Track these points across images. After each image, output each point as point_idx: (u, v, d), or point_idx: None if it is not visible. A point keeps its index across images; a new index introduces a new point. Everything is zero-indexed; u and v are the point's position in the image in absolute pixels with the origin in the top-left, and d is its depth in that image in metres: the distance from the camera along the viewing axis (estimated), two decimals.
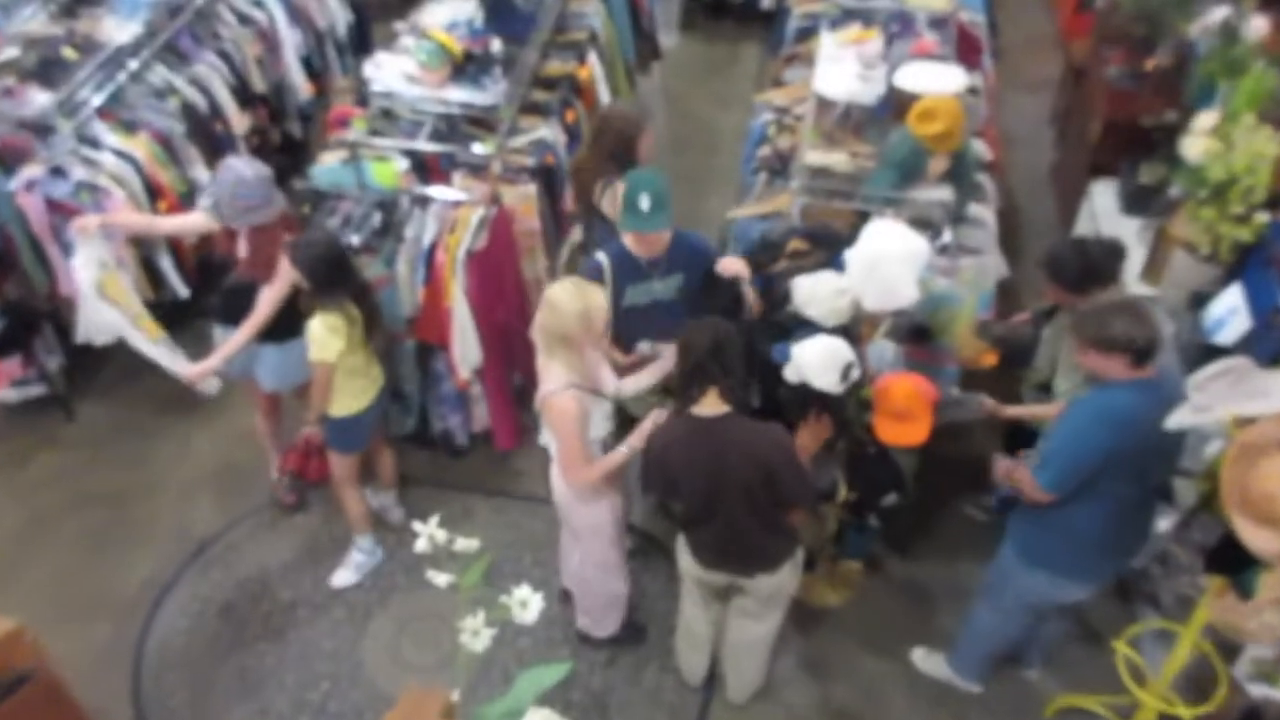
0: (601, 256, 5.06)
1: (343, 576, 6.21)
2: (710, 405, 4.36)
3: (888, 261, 4.94)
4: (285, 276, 5.34)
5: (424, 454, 6.82)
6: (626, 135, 5.49)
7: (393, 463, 6.36)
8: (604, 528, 5.10)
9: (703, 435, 4.34)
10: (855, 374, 4.70)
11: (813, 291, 4.95)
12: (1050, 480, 4.50)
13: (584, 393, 4.59)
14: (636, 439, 4.63)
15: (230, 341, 5.60)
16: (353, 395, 5.49)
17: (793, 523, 4.70)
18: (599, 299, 4.54)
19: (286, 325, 5.56)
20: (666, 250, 5.05)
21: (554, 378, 4.54)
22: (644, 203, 4.75)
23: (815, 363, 4.64)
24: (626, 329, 5.11)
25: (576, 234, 6.51)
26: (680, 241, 5.06)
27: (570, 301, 4.45)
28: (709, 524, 4.64)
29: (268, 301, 5.47)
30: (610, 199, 5.56)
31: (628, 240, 5.02)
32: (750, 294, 5.01)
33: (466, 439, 6.76)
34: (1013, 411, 5.24)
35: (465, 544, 2.94)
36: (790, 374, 4.68)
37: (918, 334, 5.31)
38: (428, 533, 2.95)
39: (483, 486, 6.67)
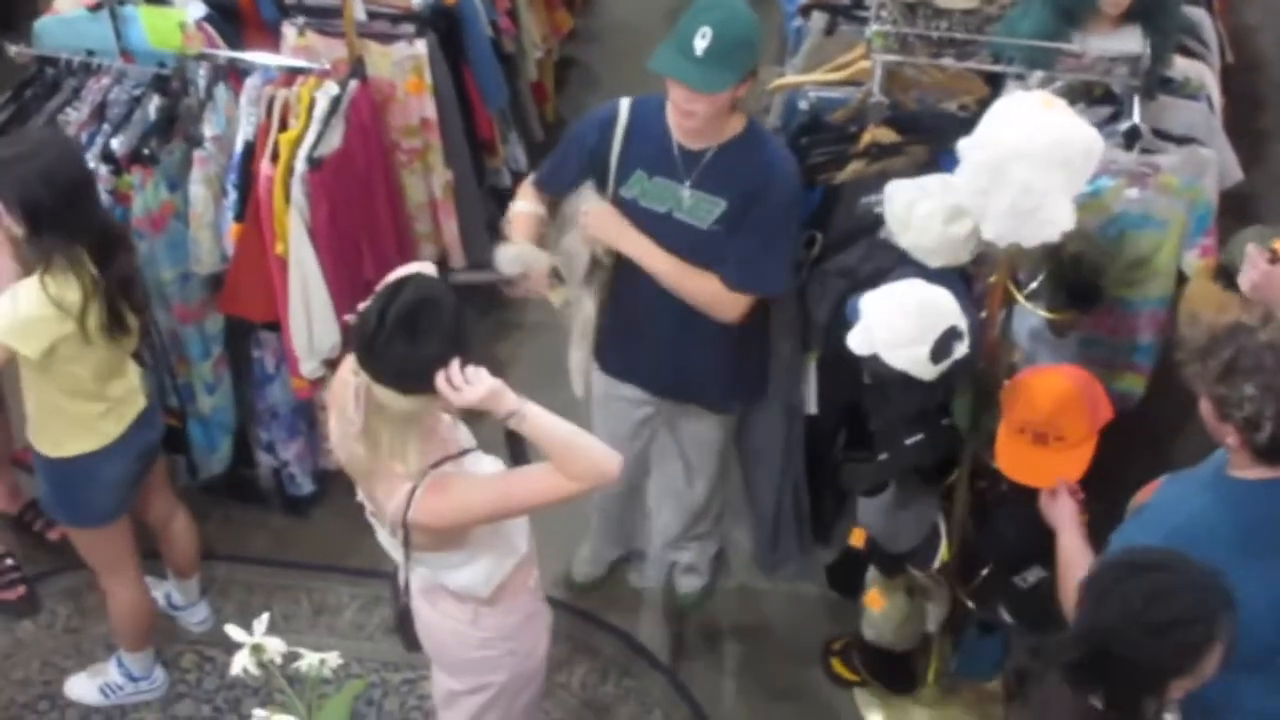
0: (625, 105, 4.51)
1: (81, 688, 5.10)
2: None
3: (1025, 162, 4.02)
4: None
5: (242, 513, 5.89)
6: None
7: (189, 532, 5.30)
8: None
9: None
10: (961, 351, 4.05)
11: (911, 205, 4.27)
12: None
13: (456, 464, 3.93)
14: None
15: None
16: (87, 424, 4.62)
17: None
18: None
19: None
20: (720, 148, 4.35)
21: (399, 476, 3.82)
22: (699, 40, 4.10)
23: (890, 322, 4.09)
24: None
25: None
26: (746, 148, 4.38)
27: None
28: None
29: None
30: None
31: (671, 102, 4.32)
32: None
33: (312, 483, 5.73)
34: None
35: (315, 662, 2.74)
36: (857, 341, 4.11)
37: (1083, 292, 4.50)
38: (252, 644, 2.74)
39: (341, 563, 5.68)
